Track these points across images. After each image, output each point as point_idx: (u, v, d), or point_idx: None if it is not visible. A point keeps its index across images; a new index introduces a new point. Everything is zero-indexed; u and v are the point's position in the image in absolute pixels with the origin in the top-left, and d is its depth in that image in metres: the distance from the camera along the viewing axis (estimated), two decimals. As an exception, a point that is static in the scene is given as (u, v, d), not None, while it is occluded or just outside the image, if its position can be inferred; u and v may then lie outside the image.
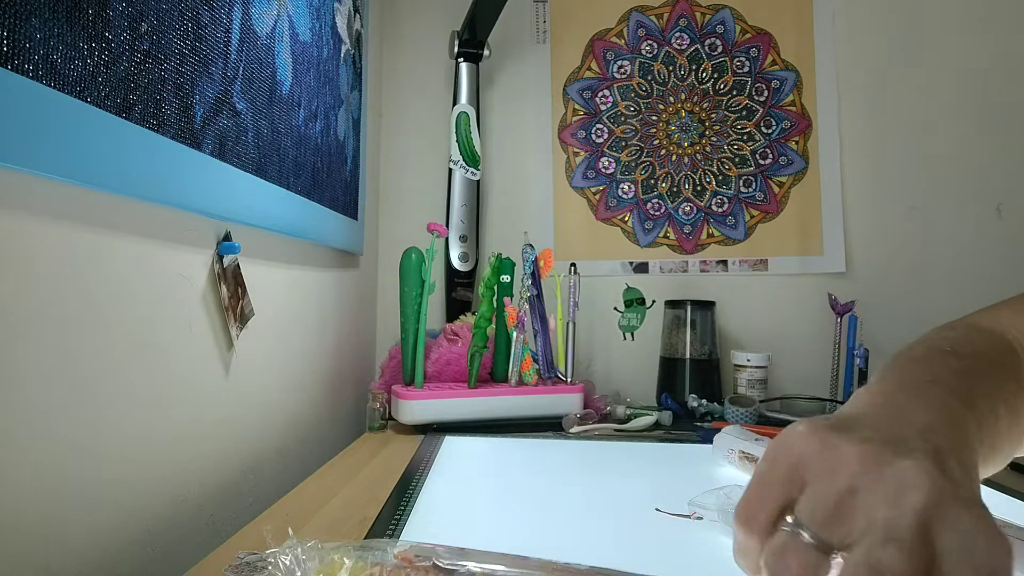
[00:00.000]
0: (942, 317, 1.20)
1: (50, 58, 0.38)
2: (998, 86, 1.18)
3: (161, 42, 0.50)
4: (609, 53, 1.27)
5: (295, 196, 0.78)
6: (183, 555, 0.55)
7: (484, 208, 1.26)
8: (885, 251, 1.20)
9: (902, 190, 1.20)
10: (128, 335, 0.50)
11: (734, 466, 0.67)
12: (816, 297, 1.19)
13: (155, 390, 0.53)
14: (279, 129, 0.73)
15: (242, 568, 0.43)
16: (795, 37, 1.23)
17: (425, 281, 0.88)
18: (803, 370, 1.19)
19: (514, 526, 0.52)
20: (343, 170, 0.98)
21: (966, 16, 1.19)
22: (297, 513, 0.54)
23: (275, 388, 0.77)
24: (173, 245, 0.55)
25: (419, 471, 0.67)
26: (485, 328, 0.91)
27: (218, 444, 0.64)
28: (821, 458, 0.28)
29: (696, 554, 0.47)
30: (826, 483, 0.27)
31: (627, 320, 1.19)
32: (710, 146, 1.25)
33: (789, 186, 1.23)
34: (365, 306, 1.19)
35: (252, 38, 0.66)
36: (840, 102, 1.22)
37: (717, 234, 1.24)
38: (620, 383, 1.22)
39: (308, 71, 0.82)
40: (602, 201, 1.26)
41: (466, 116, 1.18)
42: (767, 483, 0.29)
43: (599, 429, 0.90)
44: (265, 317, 0.72)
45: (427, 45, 1.28)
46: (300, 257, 0.85)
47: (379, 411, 0.90)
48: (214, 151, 0.58)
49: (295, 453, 0.82)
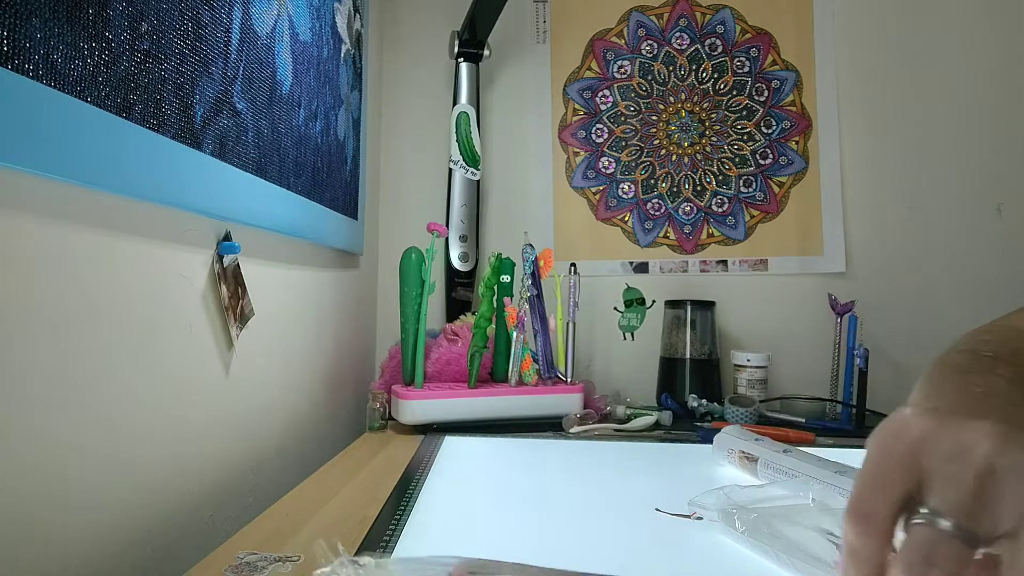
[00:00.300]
0: (942, 317, 1.21)
1: (50, 58, 0.38)
2: (998, 86, 1.18)
3: (161, 42, 0.50)
4: (609, 53, 1.27)
5: (295, 196, 0.78)
6: (183, 555, 0.55)
7: (484, 208, 1.26)
8: (885, 251, 1.20)
9: (902, 190, 1.20)
10: (128, 335, 0.50)
11: (734, 466, 0.67)
12: (816, 297, 1.19)
13: (155, 390, 0.53)
14: (279, 129, 0.73)
15: (242, 568, 0.43)
16: (795, 37, 1.23)
17: (425, 281, 0.88)
18: (803, 370, 1.19)
19: (514, 526, 0.52)
20: (343, 170, 0.98)
21: (966, 16, 1.19)
22: (297, 513, 0.54)
23: (275, 388, 0.77)
24: (173, 245, 0.55)
25: (419, 471, 0.67)
26: (485, 328, 0.91)
27: (218, 444, 0.64)
28: (947, 438, 0.24)
29: (696, 554, 0.47)
30: (961, 465, 0.24)
31: (627, 320, 1.19)
32: (710, 146, 1.25)
33: (789, 186, 1.23)
34: (365, 306, 1.19)
35: (252, 38, 0.66)
36: (840, 102, 1.22)
37: (717, 234, 1.24)
38: (620, 383, 1.22)
39: (308, 71, 0.82)
40: (602, 201, 1.26)
41: (466, 116, 1.18)
42: (884, 471, 0.25)
43: (599, 429, 0.90)
44: (265, 317, 0.72)
45: (427, 45, 1.28)
46: (300, 257, 0.85)
47: (379, 411, 0.90)
48: (214, 151, 0.58)
49: (295, 453, 0.82)
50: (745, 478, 0.65)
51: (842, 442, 0.87)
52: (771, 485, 0.53)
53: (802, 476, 0.56)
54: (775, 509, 0.46)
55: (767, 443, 0.65)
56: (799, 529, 0.43)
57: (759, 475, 0.63)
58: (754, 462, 0.64)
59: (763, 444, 0.65)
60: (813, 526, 0.43)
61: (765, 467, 0.62)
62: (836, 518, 0.43)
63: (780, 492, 0.50)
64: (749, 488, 0.51)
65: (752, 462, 0.64)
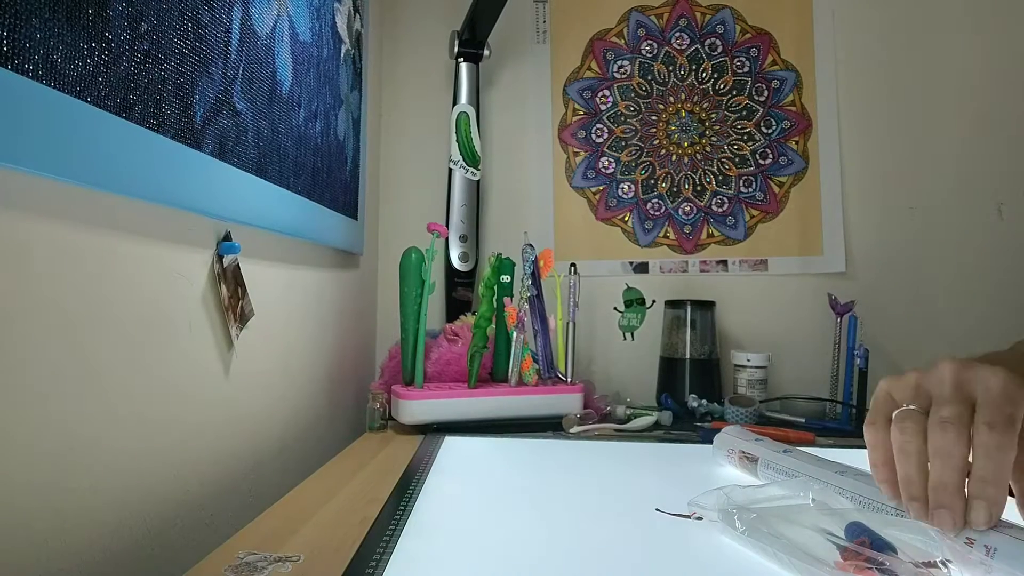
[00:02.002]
0: (942, 317, 1.21)
1: (50, 58, 0.38)
2: (998, 86, 1.18)
3: (161, 42, 0.50)
4: (609, 53, 1.27)
5: (295, 196, 0.78)
6: (183, 555, 0.55)
7: (484, 208, 1.26)
8: (885, 251, 1.20)
9: (902, 190, 1.20)
10: (127, 335, 0.50)
11: (734, 466, 0.67)
12: (816, 297, 1.19)
13: (155, 390, 0.53)
14: (279, 129, 0.73)
15: (242, 568, 0.43)
16: (795, 37, 1.23)
17: (425, 281, 0.88)
18: (803, 370, 1.19)
19: (514, 526, 0.52)
20: (343, 170, 0.98)
21: (966, 16, 1.19)
22: (297, 513, 0.54)
23: (275, 388, 0.77)
24: (173, 245, 0.55)
25: (419, 471, 0.67)
26: (485, 328, 0.91)
27: (218, 444, 0.64)
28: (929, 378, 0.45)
29: (696, 554, 0.47)
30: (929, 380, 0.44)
31: (627, 320, 1.19)
32: (710, 146, 1.25)
33: (789, 186, 1.23)
34: (365, 306, 1.19)
35: (252, 38, 0.66)
36: (840, 102, 1.22)
37: (717, 234, 1.24)
38: (620, 383, 1.22)
39: (308, 71, 0.82)
40: (602, 201, 1.26)
41: (466, 116, 1.18)
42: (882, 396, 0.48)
43: (599, 429, 0.90)
44: (265, 317, 0.72)
45: (427, 45, 1.28)
46: (300, 257, 0.85)
47: (379, 411, 0.90)
48: (214, 151, 0.58)
49: (295, 453, 0.82)
50: (745, 478, 0.65)
51: (842, 442, 0.87)
52: (771, 485, 0.53)
53: (802, 476, 0.56)
54: (775, 509, 0.46)
55: (767, 443, 0.65)
56: (799, 529, 0.43)
57: (759, 475, 0.63)
58: (754, 462, 0.64)
59: (763, 444, 0.65)
60: (813, 526, 0.43)
61: (765, 467, 0.62)
62: (836, 518, 0.43)
63: (780, 492, 0.50)
64: (749, 488, 0.51)
65: (752, 462, 0.64)
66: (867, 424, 0.47)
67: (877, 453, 0.46)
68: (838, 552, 0.40)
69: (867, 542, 0.39)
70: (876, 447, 0.46)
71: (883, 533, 0.40)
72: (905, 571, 0.37)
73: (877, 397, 0.48)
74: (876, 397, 0.48)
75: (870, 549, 0.39)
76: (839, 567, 0.38)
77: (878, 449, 0.45)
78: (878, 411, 0.46)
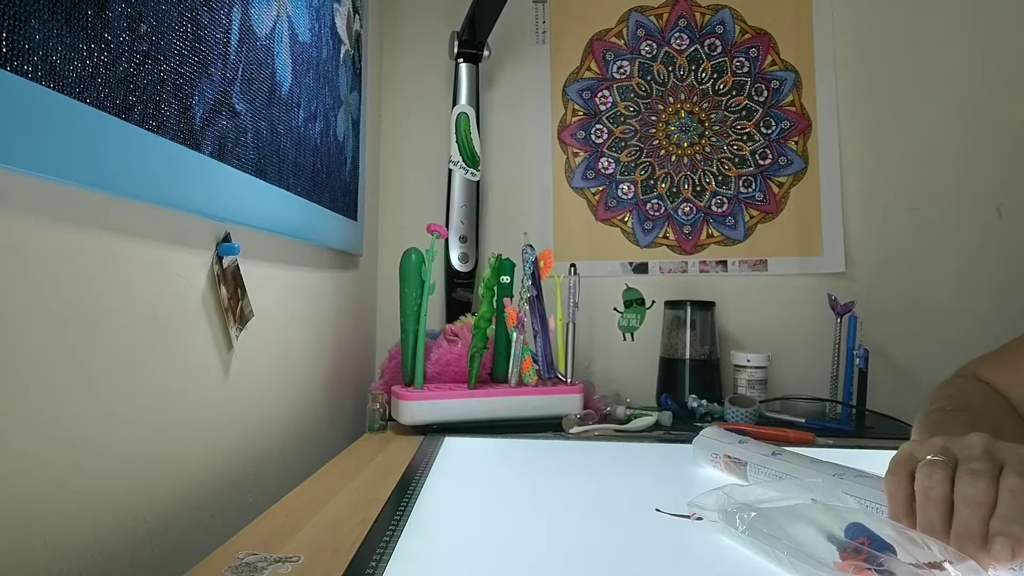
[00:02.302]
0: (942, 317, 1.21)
1: (49, 59, 0.38)
2: (998, 86, 1.18)
3: (160, 43, 0.50)
4: (609, 53, 1.27)
5: (295, 197, 0.78)
6: (183, 555, 0.55)
7: (484, 208, 1.26)
8: (885, 251, 1.20)
9: (902, 190, 1.20)
10: (127, 336, 0.50)
11: (719, 470, 0.65)
12: (816, 297, 1.19)
13: (155, 391, 0.53)
14: (279, 130, 0.73)
15: (242, 568, 0.43)
16: (795, 37, 1.23)
17: (425, 282, 0.88)
18: (803, 370, 1.19)
19: (514, 526, 0.52)
20: (343, 171, 0.98)
21: (966, 16, 1.19)
22: (297, 513, 0.54)
23: (275, 389, 0.77)
24: (173, 246, 0.55)
25: (419, 472, 0.67)
26: (485, 329, 0.91)
27: (218, 444, 0.64)
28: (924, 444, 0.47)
29: (696, 554, 0.47)
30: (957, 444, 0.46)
31: (627, 320, 1.19)
32: (710, 146, 1.25)
33: (789, 186, 1.23)
34: (365, 306, 1.19)
35: (251, 39, 0.66)
36: (840, 102, 1.22)
37: (717, 234, 1.24)
38: (620, 383, 1.22)
39: (307, 72, 0.82)
40: (602, 201, 1.26)
41: (466, 116, 1.18)
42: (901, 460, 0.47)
43: (599, 430, 0.90)
44: (265, 318, 0.72)
45: (427, 46, 1.28)
46: (300, 258, 0.85)
47: (379, 412, 0.90)
48: (213, 152, 0.58)
49: (295, 453, 0.82)
50: (734, 481, 0.63)
51: (842, 442, 0.87)
52: (771, 485, 0.53)
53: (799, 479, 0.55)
54: (775, 509, 0.46)
55: (752, 444, 0.63)
56: (799, 529, 0.43)
57: (749, 479, 0.61)
58: (743, 466, 0.61)
59: (749, 446, 0.63)
60: (813, 526, 0.43)
61: (756, 472, 0.60)
62: (837, 518, 0.42)
63: (780, 492, 0.50)
64: (749, 488, 0.51)
65: (741, 466, 0.62)
66: (889, 473, 0.46)
67: (897, 502, 0.45)
68: (838, 552, 0.40)
69: (867, 542, 0.39)
70: (896, 496, 0.45)
71: (883, 534, 0.40)
72: (905, 571, 0.37)
73: (900, 454, 0.47)
74: (899, 454, 0.47)
75: (870, 549, 0.39)
76: (839, 567, 0.38)
77: (898, 498, 0.45)
78: (901, 464, 0.46)
